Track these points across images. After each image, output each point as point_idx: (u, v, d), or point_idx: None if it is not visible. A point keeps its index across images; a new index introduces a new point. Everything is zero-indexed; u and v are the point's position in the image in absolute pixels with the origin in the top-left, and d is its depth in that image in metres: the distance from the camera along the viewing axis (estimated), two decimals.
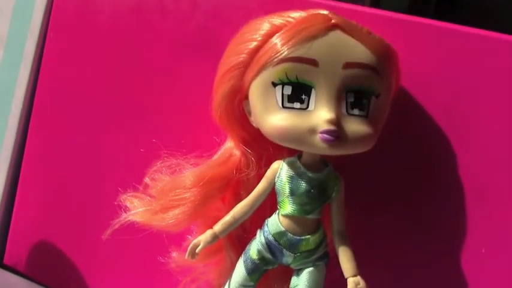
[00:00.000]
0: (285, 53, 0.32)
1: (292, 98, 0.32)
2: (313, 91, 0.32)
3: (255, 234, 0.36)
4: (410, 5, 0.70)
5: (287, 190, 0.34)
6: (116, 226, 0.38)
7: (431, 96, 0.37)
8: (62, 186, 0.48)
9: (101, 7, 0.46)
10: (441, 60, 0.37)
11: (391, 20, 0.38)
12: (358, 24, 0.34)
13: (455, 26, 0.37)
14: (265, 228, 0.35)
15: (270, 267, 0.36)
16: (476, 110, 0.37)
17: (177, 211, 0.36)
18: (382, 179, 0.38)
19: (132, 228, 0.38)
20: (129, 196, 0.38)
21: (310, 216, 0.34)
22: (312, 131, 0.32)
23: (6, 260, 0.51)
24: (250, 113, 0.35)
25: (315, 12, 0.33)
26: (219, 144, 0.38)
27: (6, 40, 0.50)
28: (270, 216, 0.36)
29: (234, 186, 0.37)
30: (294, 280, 0.36)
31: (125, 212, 0.38)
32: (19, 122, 0.49)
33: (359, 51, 0.33)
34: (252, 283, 0.36)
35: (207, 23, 0.42)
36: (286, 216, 0.35)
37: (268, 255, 0.35)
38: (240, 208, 0.36)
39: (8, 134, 0.50)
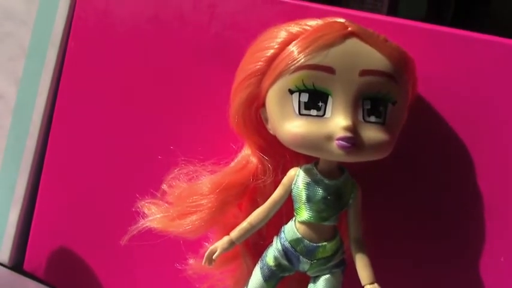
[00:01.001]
0: (302, 60, 0.32)
1: (308, 105, 0.33)
2: (329, 98, 0.33)
3: (272, 241, 0.36)
4: (427, 13, 0.70)
5: (304, 197, 0.34)
6: (134, 232, 0.38)
7: (449, 104, 0.37)
8: (81, 193, 0.49)
9: (120, 17, 0.46)
10: (458, 68, 0.37)
11: (408, 28, 0.38)
12: (375, 32, 0.34)
13: (472, 33, 0.37)
14: (282, 235, 0.35)
15: (286, 274, 0.36)
16: (493, 117, 0.36)
17: (194, 217, 0.36)
18: (399, 186, 0.38)
19: (149, 234, 0.38)
20: (147, 203, 0.39)
21: (326, 223, 0.34)
22: (329, 138, 0.32)
23: (26, 266, 0.52)
24: (267, 120, 0.35)
25: (331, 20, 0.34)
26: (236, 152, 0.39)
27: (28, 50, 0.51)
28: (286, 223, 0.36)
29: (250, 193, 0.38)
30: (311, 287, 0.36)
31: (143, 218, 0.38)
32: (40, 130, 0.50)
33: (376, 59, 0.33)
34: None
35: (224, 32, 0.43)
36: (302, 223, 0.35)
37: (284, 262, 0.35)
38: (256, 215, 0.36)
39: (28, 142, 0.50)
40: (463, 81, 0.37)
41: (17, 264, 0.52)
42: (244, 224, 0.36)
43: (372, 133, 0.32)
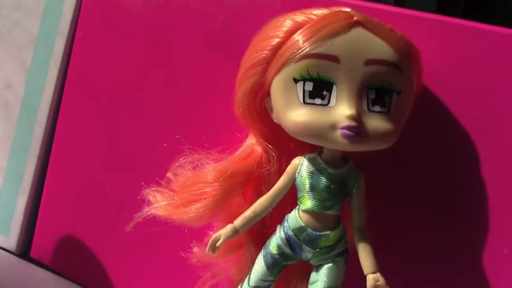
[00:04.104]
0: (307, 49, 0.32)
1: (313, 94, 0.33)
2: (334, 87, 0.33)
3: (275, 230, 0.36)
4: (436, 10, 0.69)
5: (307, 185, 0.34)
6: (139, 219, 0.38)
7: (457, 96, 0.37)
8: (87, 181, 0.49)
9: (128, 7, 0.47)
10: (467, 60, 0.37)
11: (415, 19, 0.38)
12: (381, 21, 0.34)
13: (480, 24, 0.37)
14: (285, 224, 0.35)
15: (289, 263, 0.36)
16: (503, 109, 0.36)
17: (198, 205, 0.36)
18: (404, 177, 0.38)
19: (155, 222, 0.38)
20: (152, 191, 0.39)
21: (330, 212, 0.34)
22: (333, 126, 0.32)
23: (33, 254, 0.52)
24: (271, 110, 0.35)
25: (337, 9, 0.34)
26: (241, 141, 0.39)
27: (36, 39, 0.51)
28: (290, 212, 0.36)
29: (255, 182, 0.38)
30: (314, 276, 0.36)
31: (148, 206, 0.38)
32: (48, 118, 0.51)
33: (381, 48, 0.33)
34: (271, 278, 0.36)
35: (231, 22, 0.43)
36: (306, 211, 0.35)
37: (287, 251, 0.35)
38: (260, 203, 0.36)
39: (36, 129, 0.51)
40: (471, 73, 0.37)
41: (24, 252, 0.53)
42: (248, 213, 0.36)
43: (376, 122, 0.33)
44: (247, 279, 0.37)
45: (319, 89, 0.33)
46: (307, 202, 0.34)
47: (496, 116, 0.36)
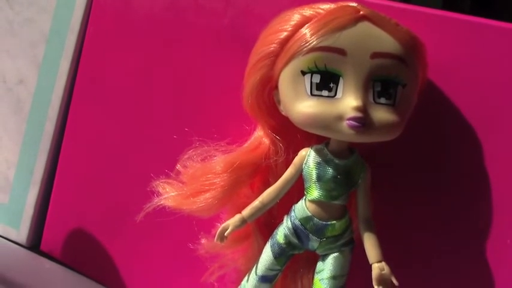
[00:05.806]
0: (314, 42, 0.33)
1: (320, 86, 0.33)
2: (341, 80, 0.33)
3: (282, 220, 0.37)
4: (443, 2, 0.70)
5: (314, 176, 0.35)
6: (149, 210, 0.39)
7: (463, 92, 0.37)
8: (97, 174, 0.50)
9: (138, 4, 0.47)
10: (472, 55, 0.37)
11: (421, 15, 0.38)
12: (386, 16, 0.34)
13: (487, 20, 0.37)
14: (292, 214, 0.36)
15: (296, 252, 0.37)
16: (508, 105, 0.36)
17: (207, 195, 0.37)
18: (408, 168, 0.39)
19: (164, 214, 0.39)
20: (161, 182, 0.40)
21: (336, 202, 0.35)
22: (339, 117, 0.33)
23: (43, 247, 0.53)
24: (279, 102, 0.36)
25: (344, 4, 0.34)
26: (250, 133, 0.40)
27: (49, 35, 0.52)
28: (297, 202, 0.36)
29: (262, 173, 0.38)
30: (320, 265, 0.36)
31: (158, 198, 0.39)
32: (58, 112, 0.51)
33: (387, 42, 0.33)
34: (278, 267, 0.37)
35: (239, 19, 0.43)
36: (312, 201, 0.35)
37: (294, 240, 0.36)
38: (268, 194, 0.36)
39: (47, 124, 0.52)
40: (477, 69, 0.37)
41: (34, 245, 0.53)
42: (256, 203, 0.37)
43: (381, 114, 0.33)
44: (254, 268, 0.37)
45: (326, 81, 0.33)
46: (314, 192, 0.35)
47: (500, 111, 0.37)
